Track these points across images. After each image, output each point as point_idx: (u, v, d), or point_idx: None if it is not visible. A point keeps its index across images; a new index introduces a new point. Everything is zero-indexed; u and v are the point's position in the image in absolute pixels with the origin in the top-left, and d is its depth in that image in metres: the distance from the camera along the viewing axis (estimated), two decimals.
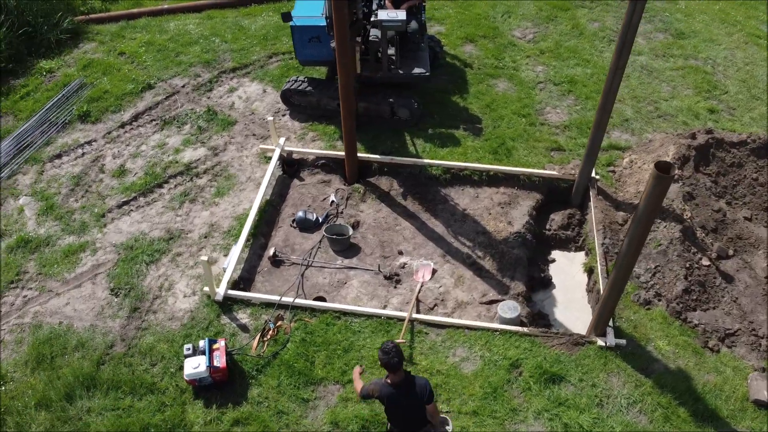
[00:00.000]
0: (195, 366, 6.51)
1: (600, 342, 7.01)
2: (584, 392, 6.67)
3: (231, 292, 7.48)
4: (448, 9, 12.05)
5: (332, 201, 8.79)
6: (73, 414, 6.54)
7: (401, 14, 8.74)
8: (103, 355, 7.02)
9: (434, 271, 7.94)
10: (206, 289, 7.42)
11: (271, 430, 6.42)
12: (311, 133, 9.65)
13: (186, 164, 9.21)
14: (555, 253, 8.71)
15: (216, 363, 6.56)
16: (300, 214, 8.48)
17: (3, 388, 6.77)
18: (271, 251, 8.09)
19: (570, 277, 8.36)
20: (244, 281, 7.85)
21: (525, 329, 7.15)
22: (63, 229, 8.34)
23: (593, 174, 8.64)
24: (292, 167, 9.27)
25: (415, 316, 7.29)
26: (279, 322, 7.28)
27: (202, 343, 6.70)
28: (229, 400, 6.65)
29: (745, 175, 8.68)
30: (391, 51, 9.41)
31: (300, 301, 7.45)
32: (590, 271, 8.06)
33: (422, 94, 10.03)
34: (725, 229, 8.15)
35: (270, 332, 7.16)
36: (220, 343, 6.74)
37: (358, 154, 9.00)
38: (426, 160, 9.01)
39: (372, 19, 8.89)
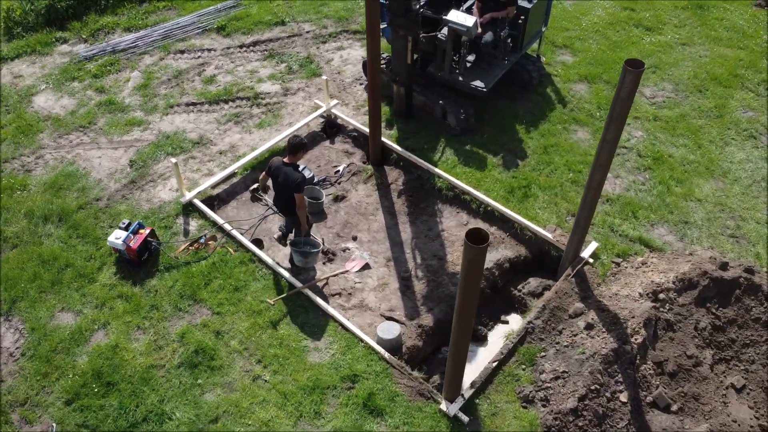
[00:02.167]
0: (117, 237, 7.67)
1: (442, 406, 6.44)
2: None
3: (195, 201, 8.46)
4: (591, 42, 11.05)
5: (338, 170, 9.14)
6: (39, 231, 8.23)
7: (470, 20, 8.51)
8: (87, 204, 8.59)
9: (366, 267, 7.93)
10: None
11: (137, 315, 7.33)
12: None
13: (256, 93, 10.31)
14: (513, 317, 7.97)
15: (131, 243, 7.64)
16: None
17: (20, 193, 8.76)
18: (254, 186, 8.82)
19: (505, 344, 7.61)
20: (219, 200, 8.77)
21: (387, 354, 6.87)
22: (140, 105, 10.13)
23: (585, 254, 7.62)
24: (332, 129, 9.78)
25: (308, 292, 7.47)
26: (210, 241, 8.07)
27: (135, 224, 7.83)
28: (130, 279, 7.71)
29: None
30: (469, 57, 9.25)
31: (236, 233, 8.11)
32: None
33: (489, 111, 9.63)
34: (687, 380, 6.60)
35: (198, 244, 8.01)
36: (145, 231, 7.79)
37: (385, 140, 9.15)
38: (437, 170, 8.78)
39: (443, 17, 8.78)
